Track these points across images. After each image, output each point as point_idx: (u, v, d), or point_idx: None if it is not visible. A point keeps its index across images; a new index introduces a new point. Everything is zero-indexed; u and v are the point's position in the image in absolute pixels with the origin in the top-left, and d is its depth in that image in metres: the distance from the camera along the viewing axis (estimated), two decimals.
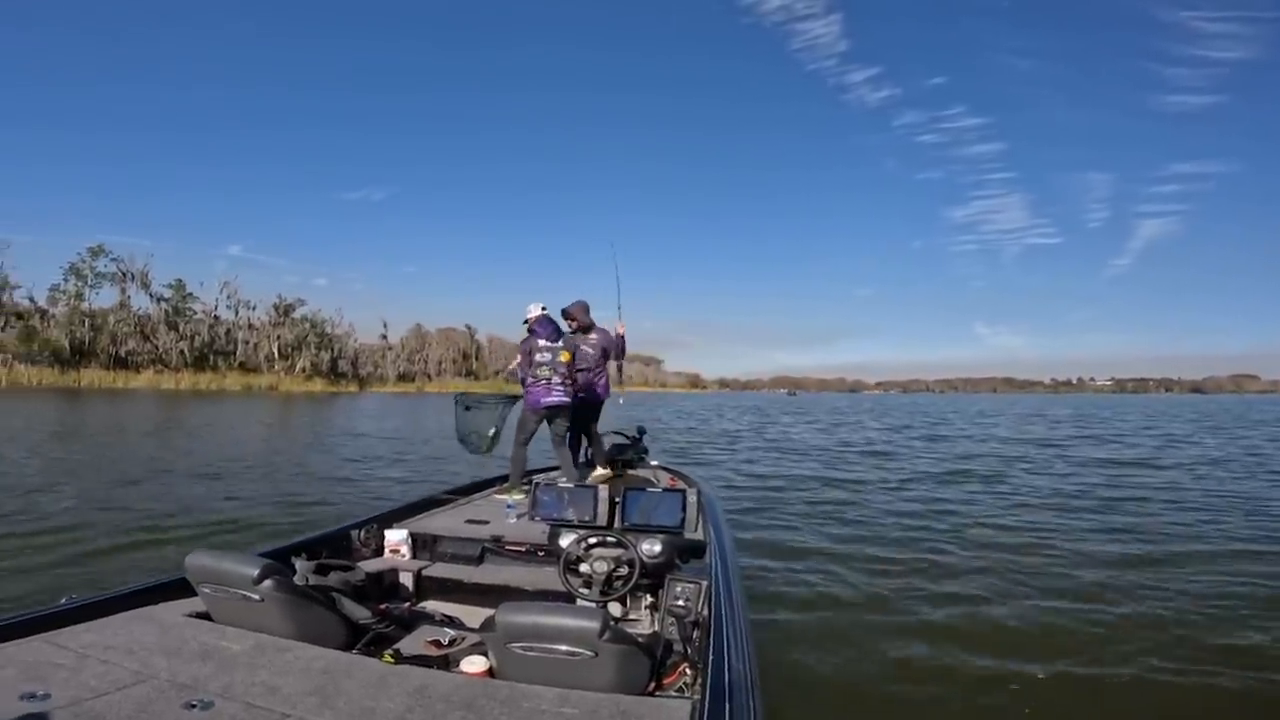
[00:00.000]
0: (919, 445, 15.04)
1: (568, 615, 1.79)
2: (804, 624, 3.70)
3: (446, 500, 4.31)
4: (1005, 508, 7.19)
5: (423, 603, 3.06)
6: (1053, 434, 18.65)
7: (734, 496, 7.56)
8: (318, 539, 3.12)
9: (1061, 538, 5.73)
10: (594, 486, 3.28)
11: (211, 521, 5.87)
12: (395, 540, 3.34)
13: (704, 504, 3.57)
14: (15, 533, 5.22)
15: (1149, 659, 3.23)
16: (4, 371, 38.57)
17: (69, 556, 4.68)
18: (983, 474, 9.93)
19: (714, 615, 2.20)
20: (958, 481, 9.20)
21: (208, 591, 2.11)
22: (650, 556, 2.72)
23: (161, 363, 45.86)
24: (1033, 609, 3.94)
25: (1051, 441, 16.03)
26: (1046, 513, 6.89)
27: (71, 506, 6.26)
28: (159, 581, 2.36)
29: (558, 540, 2.99)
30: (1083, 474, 10.04)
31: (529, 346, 5.21)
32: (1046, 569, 4.74)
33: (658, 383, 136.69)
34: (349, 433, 16.19)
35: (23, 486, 7.21)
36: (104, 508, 6.22)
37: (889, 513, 6.90)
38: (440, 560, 3.33)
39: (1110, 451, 13.50)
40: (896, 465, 11.14)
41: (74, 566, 4.47)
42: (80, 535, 5.25)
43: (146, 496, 6.89)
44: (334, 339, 54.80)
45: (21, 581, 4.04)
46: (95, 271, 45.59)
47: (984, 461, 11.68)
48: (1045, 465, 11.19)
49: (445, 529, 3.54)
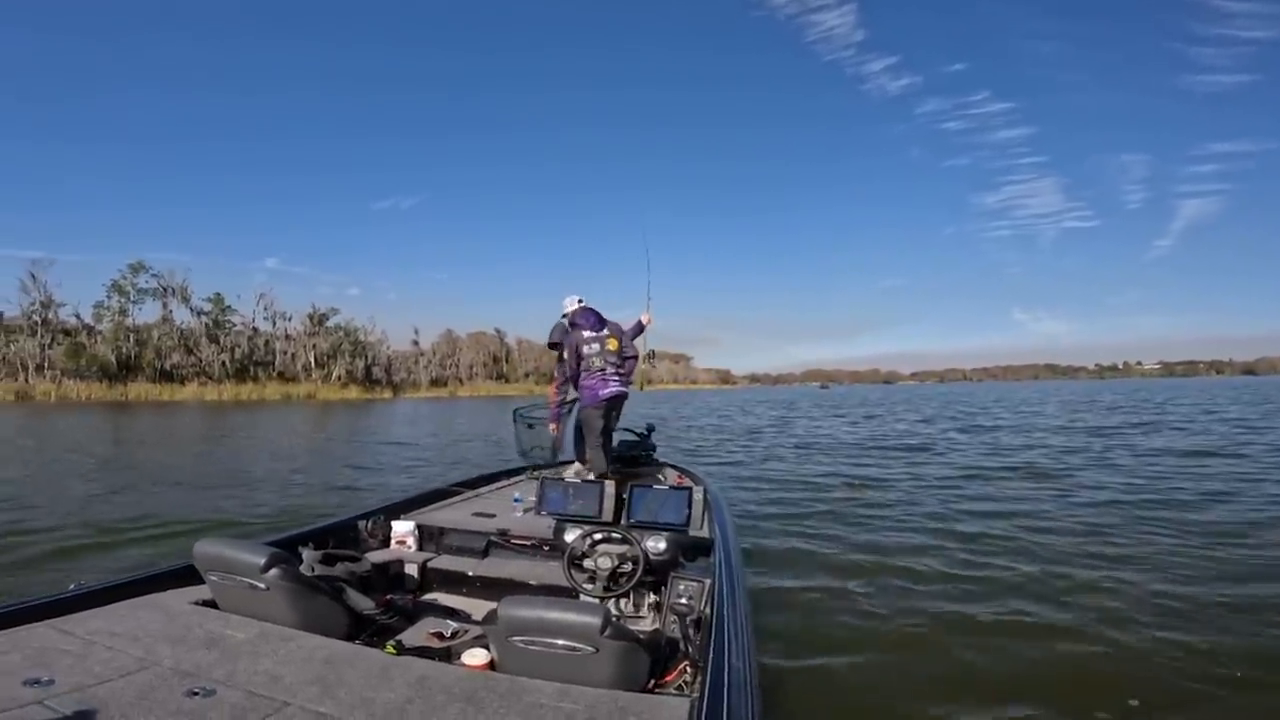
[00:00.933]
0: (961, 439, 14.14)
1: (570, 610, 1.77)
2: (807, 626, 3.63)
3: (454, 493, 4.28)
4: (1070, 507, 6.56)
5: (427, 594, 3.08)
6: (1108, 421, 17.63)
7: (740, 499, 7.15)
8: (325, 529, 3.12)
9: (1150, 543, 5.08)
10: (600, 482, 3.26)
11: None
12: (402, 532, 3.33)
13: (710, 502, 3.61)
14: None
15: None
16: (53, 387, 40.13)
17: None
18: (1045, 470, 9.07)
19: (716, 614, 2.18)
20: (1009, 478, 8.52)
21: (215, 579, 2.11)
22: (655, 554, 2.72)
23: (205, 375, 47.22)
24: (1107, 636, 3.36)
25: (1112, 429, 15.03)
26: (1121, 513, 6.19)
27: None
28: (166, 569, 2.36)
29: (563, 535, 2.99)
30: (1158, 465, 9.16)
31: (574, 341, 4.89)
32: (1137, 586, 4.06)
33: (688, 380, 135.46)
34: (392, 442, 15.48)
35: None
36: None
37: (923, 512, 6.43)
38: (445, 552, 3.31)
39: (1184, 440, 12.31)
40: (935, 460, 10.53)
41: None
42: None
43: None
44: (367, 346, 55.79)
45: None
46: (137, 287, 47.05)
47: (1039, 454, 10.73)
48: (1108, 456, 10.28)
49: (451, 521, 3.51)
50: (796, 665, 3.11)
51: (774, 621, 3.63)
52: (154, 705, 1.49)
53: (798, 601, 4.00)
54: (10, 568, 4.59)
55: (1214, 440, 12.20)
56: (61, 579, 2.39)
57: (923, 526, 5.82)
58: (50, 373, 41.08)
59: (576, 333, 4.87)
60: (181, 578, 2.31)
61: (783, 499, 7.30)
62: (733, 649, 1.93)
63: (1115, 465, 9.36)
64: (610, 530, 2.84)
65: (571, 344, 4.90)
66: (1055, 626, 3.49)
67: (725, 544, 2.96)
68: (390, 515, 3.46)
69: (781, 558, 4.99)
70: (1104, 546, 4.98)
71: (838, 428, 18.45)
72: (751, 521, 6.09)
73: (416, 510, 3.71)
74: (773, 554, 5.09)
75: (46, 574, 4.37)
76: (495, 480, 4.87)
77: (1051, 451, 11.20)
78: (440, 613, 2.71)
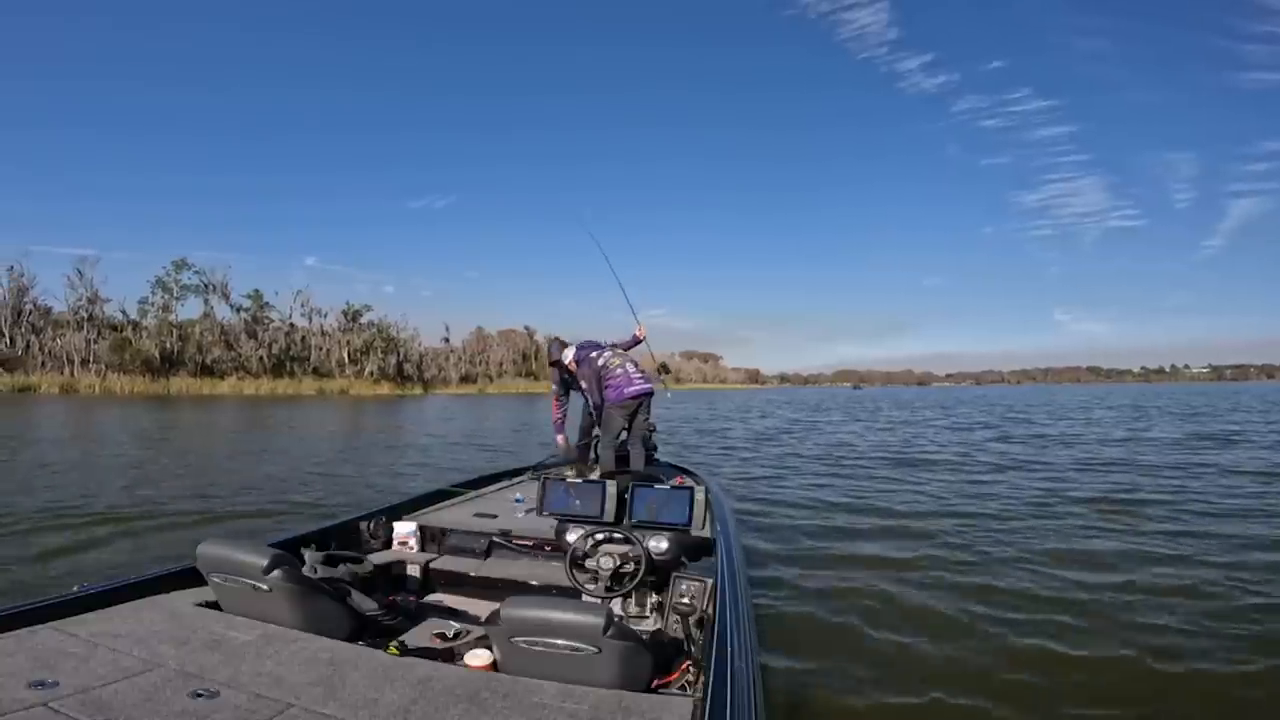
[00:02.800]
0: (1017, 453, 12.77)
1: (572, 610, 1.77)
2: (809, 626, 3.62)
3: (456, 493, 4.27)
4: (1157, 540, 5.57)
5: (429, 595, 3.08)
6: (1174, 430, 16.14)
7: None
8: (327, 530, 3.11)
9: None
10: (602, 482, 3.24)
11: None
12: (404, 532, 3.32)
13: (712, 502, 3.56)
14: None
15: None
16: (97, 381, 41.21)
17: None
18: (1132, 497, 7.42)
19: (718, 614, 2.16)
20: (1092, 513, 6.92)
21: (217, 581, 2.11)
22: (657, 553, 2.73)
23: (244, 369, 48.14)
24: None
25: (1184, 441, 13.58)
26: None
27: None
28: (169, 570, 2.36)
29: (565, 536, 2.97)
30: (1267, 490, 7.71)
31: (589, 368, 4.98)
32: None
33: (716, 379, 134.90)
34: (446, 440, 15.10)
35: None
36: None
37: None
38: (448, 553, 3.31)
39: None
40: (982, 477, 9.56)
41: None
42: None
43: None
44: (399, 343, 56.33)
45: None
46: (180, 284, 48.09)
47: (1114, 477, 8.94)
48: (1195, 481, 8.50)
49: (454, 522, 3.51)
50: (799, 665, 3.08)
51: (777, 621, 3.63)
52: (158, 707, 1.50)
53: (801, 601, 3.99)
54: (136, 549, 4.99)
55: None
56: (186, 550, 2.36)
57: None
58: (95, 366, 42.16)
59: (587, 363, 4.96)
60: (184, 579, 2.31)
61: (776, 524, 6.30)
62: (735, 648, 1.92)
63: (1207, 491, 7.88)
64: (612, 530, 2.83)
65: (588, 371, 4.95)
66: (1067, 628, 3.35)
67: (727, 544, 2.94)
68: (392, 516, 3.45)
69: (784, 557, 4.95)
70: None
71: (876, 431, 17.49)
72: (753, 523, 6.02)
73: (418, 511, 3.69)
74: (775, 554, 5.05)
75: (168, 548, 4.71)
76: (497, 481, 4.83)
77: (1122, 469, 9.86)
78: (443, 613, 2.72)
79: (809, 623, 3.66)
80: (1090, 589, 4.16)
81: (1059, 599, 4.01)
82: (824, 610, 3.84)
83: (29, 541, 5.09)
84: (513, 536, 3.30)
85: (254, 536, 3.41)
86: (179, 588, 2.29)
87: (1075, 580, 4.34)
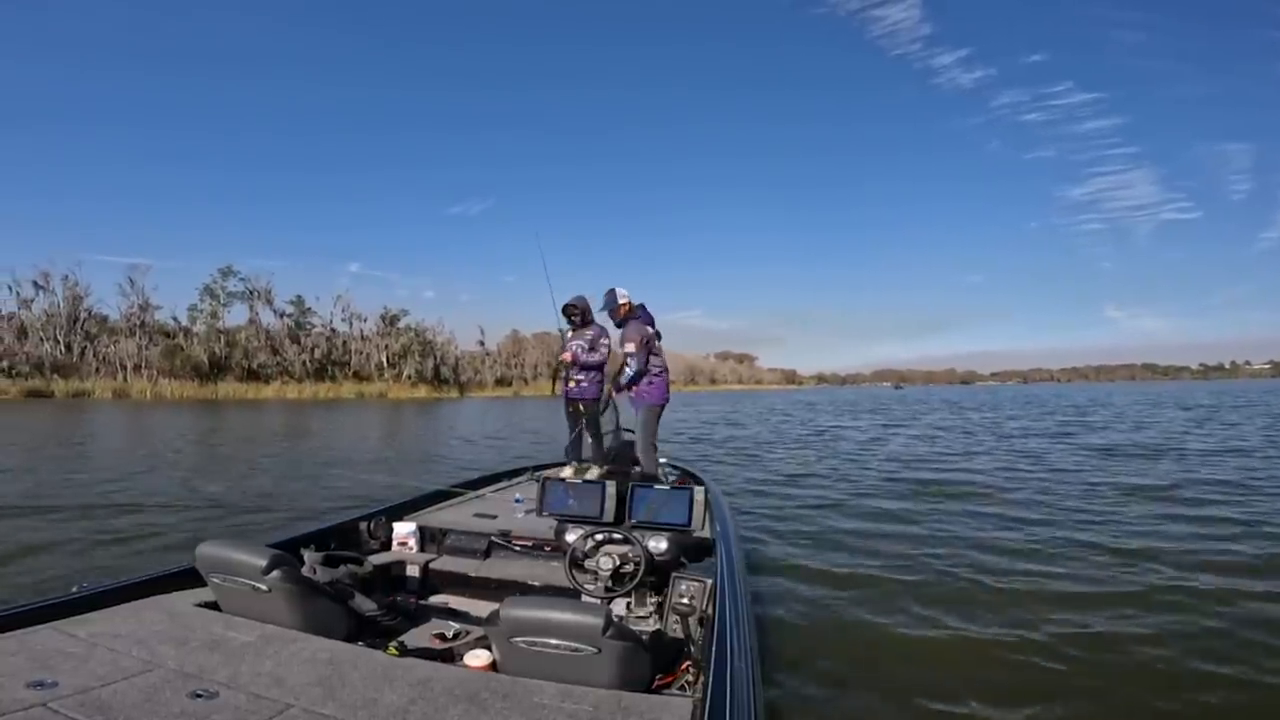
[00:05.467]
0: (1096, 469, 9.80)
1: (572, 611, 1.75)
2: (810, 626, 3.61)
3: (455, 493, 4.27)
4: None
5: (429, 596, 3.07)
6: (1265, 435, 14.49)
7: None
8: (327, 530, 3.10)
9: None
10: (602, 483, 3.22)
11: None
12: (403, 533, 3.30)
13: (712, 502, 3.56)
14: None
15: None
16: (148, 386, 42.50)
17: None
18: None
19: (718, 614, 2.13)
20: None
21: (217, 581, 2.10)
22: (657, 554, 2.73)
23: (287, 374, 49.23)
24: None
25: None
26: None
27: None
28: (169, 571, 2.35)
29: (564, 536, 2.96)
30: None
31: (646, 333, 4.76)
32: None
33: (752, 380, 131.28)
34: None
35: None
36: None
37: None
38: (447, 554, 3.29)
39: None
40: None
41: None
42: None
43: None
44: (435, 346, 56.87)
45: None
46: (226, 291, 49.46)
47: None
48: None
49: (453, 523, 3.50)
50: (800, 665, 3.07)
51: (777, 621, 3.61)
52: (158, 707, 1.50)
53: (801, 601, 3.96)
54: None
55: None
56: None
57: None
58: (147, 372, 43.56)
59: (643, 327, 4.70)
60: (184, 580, 2.29)
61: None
62: (735, 649, 1.90)
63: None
64: (612, 531, 2.81)
65: (642, 336, 4.72)
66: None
67: (727, 544, 2.92)
68: (391, 516, 3.43)
69: (784, 558, 4.89)
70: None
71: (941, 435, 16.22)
72: (753, 523, 5.96)
73: (418, 511, 3.68)
74: (775, 554, 4.98)
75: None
76: (496, 481, 4.80)
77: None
78: (442, 614, 2.74)
79: (810, 623, 3.64)
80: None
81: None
82: (825, 611, 3.80)
83: (149, 522, 5.87)
84: (512, 537, 3.27)
85: (253, 537, 3.49)
86: (178, 588, 2.27)
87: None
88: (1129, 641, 3.35)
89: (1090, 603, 3.86)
